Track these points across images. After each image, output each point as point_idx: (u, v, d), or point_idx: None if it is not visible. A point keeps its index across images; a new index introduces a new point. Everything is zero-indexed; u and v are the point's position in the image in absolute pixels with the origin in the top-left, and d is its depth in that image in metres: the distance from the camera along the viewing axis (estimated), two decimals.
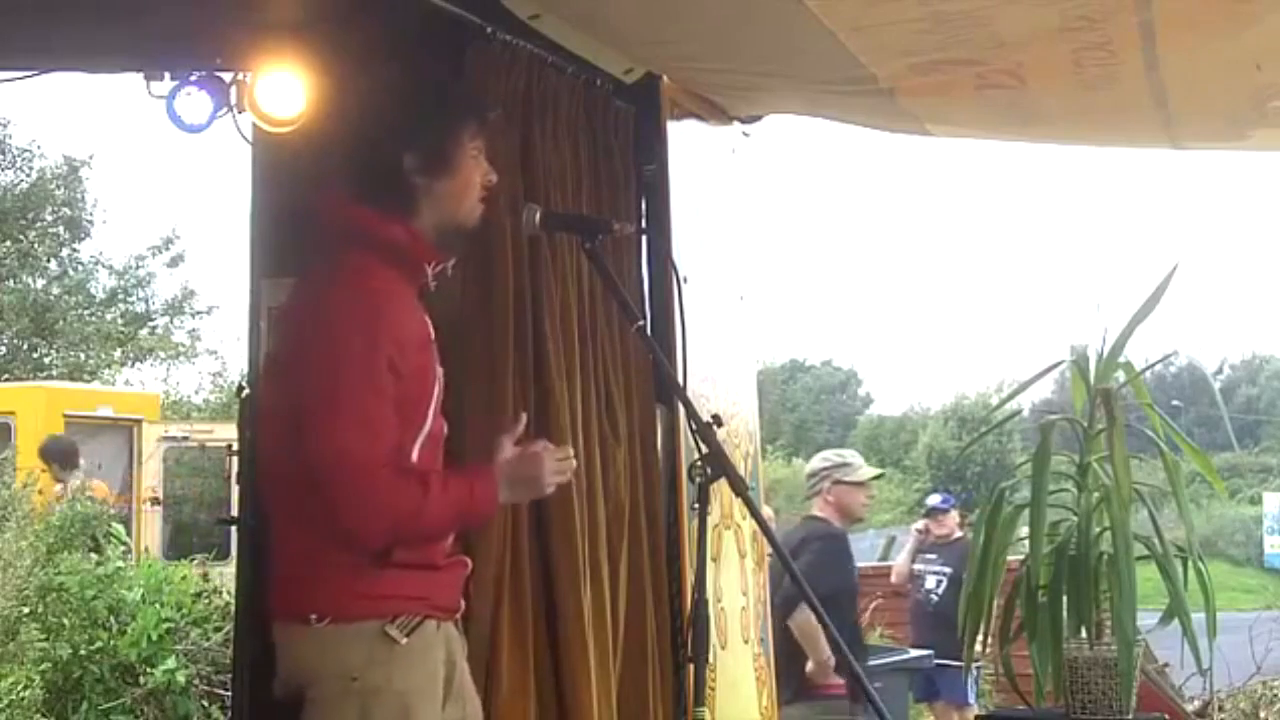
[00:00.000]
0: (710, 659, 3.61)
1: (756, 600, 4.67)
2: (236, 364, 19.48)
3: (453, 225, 2.97)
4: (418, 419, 2.84)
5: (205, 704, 7.45)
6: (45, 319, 20.83)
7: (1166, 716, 4.00)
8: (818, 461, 6.48)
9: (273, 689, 2.92)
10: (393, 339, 2.77)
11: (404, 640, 2.77)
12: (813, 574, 5.51)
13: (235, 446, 4.15)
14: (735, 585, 4.47)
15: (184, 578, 8.11)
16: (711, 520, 3.41)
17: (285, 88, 3.88)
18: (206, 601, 7.87)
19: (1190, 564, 3.51)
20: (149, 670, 7.27)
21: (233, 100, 4.08)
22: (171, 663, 7.27)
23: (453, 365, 3.08)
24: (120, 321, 22.13)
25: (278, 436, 2.90)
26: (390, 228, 2.88)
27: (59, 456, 10.19)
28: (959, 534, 9.42)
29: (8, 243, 21.02)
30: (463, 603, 3.01)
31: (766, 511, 9.47)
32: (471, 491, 2.86)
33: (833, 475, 6.29)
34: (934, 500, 10.17)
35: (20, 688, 6.92)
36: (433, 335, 2.95)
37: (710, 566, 4.00)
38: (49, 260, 21.87)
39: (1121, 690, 3.42)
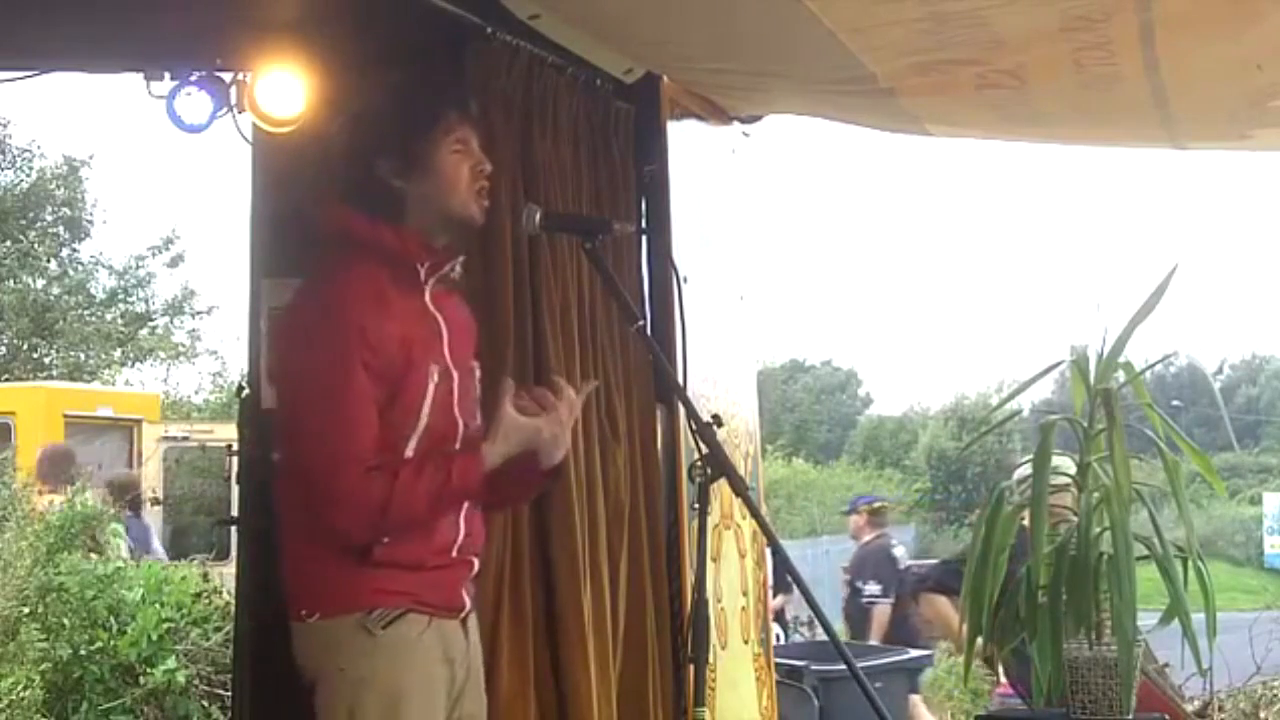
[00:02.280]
0: (710, 659, 3.61)
1: (756, 600, 4.67)
2: (236, 364, 19.52)
3: (445, 221, 2.97)
4: (409, 418, 2.85)
5: (205, 704, 7.45)
6: (45, 319, 20.84)
7: (1166, 716, 3.99)
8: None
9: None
10: (366, 341, 2.80)
11: (380, 632, 2.81)
12: None
13: (235, 447, 4.16)
14: (735, 585, 4.47)
15: (184, 578, 8.11)
16: (711, 520, 3.41)
17: (285, 88, 3.88)
18: (206, 601, 7.87)
19: (1190, 564, 3.51)
20: (149, 670, 7.27)
21: (233, 100, 4.08)
22: (171, 663, 7.27)
23: None
24: (120, 321, 22.14)
25: (276, 439, 2.99)
26: (376, 230, 2.91)
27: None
28: (865, 537, 9.58)
29: (8, 243, 21.03)
30: (467, 601, 3.01)
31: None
32: (449, 467, 2.85)
33: None
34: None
35: (20, 688, 6.91)
36: (446, 334, 2.96)
37: (710, 566, 4.00)
38: (49, 260, 21.88)
39: (1121, 690, 3.42)
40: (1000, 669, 5.41)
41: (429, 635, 2.88)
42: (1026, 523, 3.67)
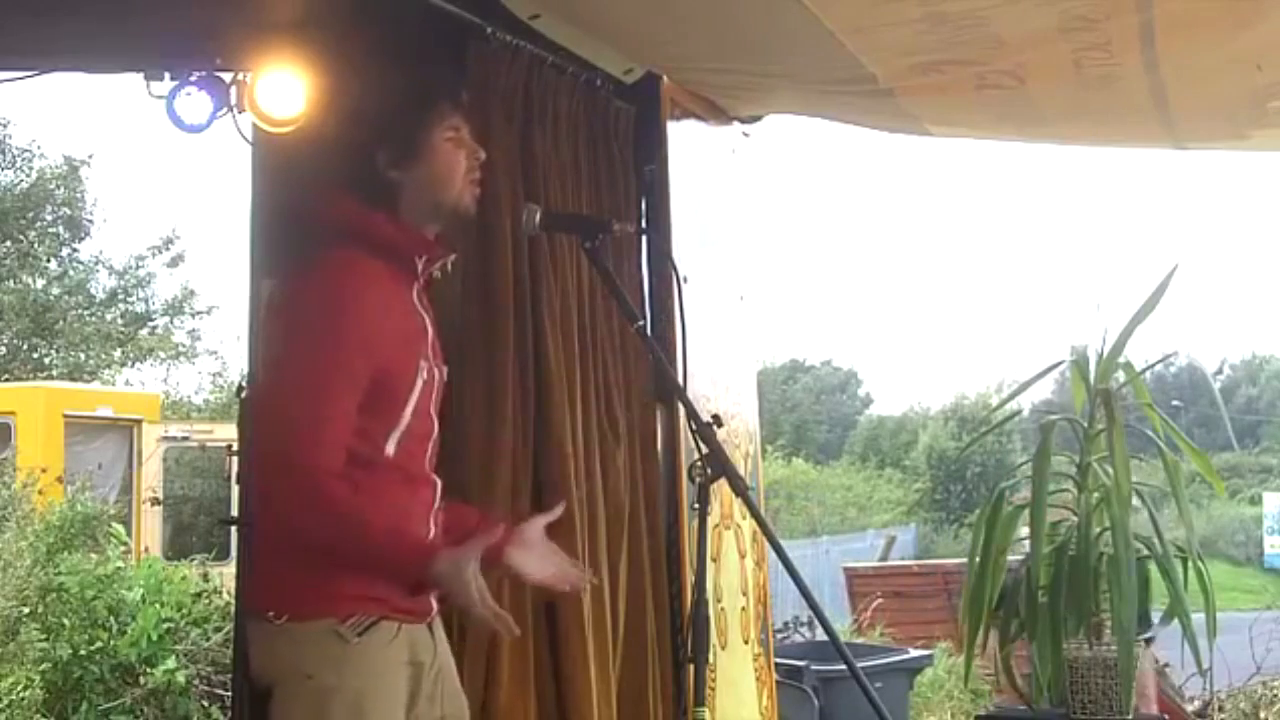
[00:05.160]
0: (710, 659, 3.61)
1: (756, 600, 4.68)
2: (236, 364, 19.49)
3: (438, 209, 2.96)
4: (392, 415, 2.81)
5: (205, 704, 7.45)
6: (45, 319, 20.81)
7: (1166, 716, 4.00)
8: None
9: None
10: (361, 336, 2.75)
11: (354, 640, 2.74)
12: None
13: (235, 446, 4.16)
14: (735, 585, 4.47)
15: (184, 578, 8.12)
16: (711, 520, 3.41)
17: (285, 88, 3.88)
18: (206, 601, 7.88)
19: (1190, 564, 3.52)
20: (149, 670, 7.27)
21: (233, 100, 4.08)
22: (171, 663, 7.27)
23: (452, 366, 3.08)
24: (120, 321, 22.11)
25: (254, 427, 2.92)
26: (374, 219, 2.88)
27: None
28: None
29: (8, 243, 21.02)
30: (434, 604, 2.99)
31: None
32: (400, 542, 2.79)
33: None
34: None
35: (20, 688, 6.92)
36: (430, 332, 2.95)
37: (710, 566, 4.00)
38: (49, 260, 21.86)
39: (1121, 690, 3.43)
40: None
41: (397, 642, 2.82)
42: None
